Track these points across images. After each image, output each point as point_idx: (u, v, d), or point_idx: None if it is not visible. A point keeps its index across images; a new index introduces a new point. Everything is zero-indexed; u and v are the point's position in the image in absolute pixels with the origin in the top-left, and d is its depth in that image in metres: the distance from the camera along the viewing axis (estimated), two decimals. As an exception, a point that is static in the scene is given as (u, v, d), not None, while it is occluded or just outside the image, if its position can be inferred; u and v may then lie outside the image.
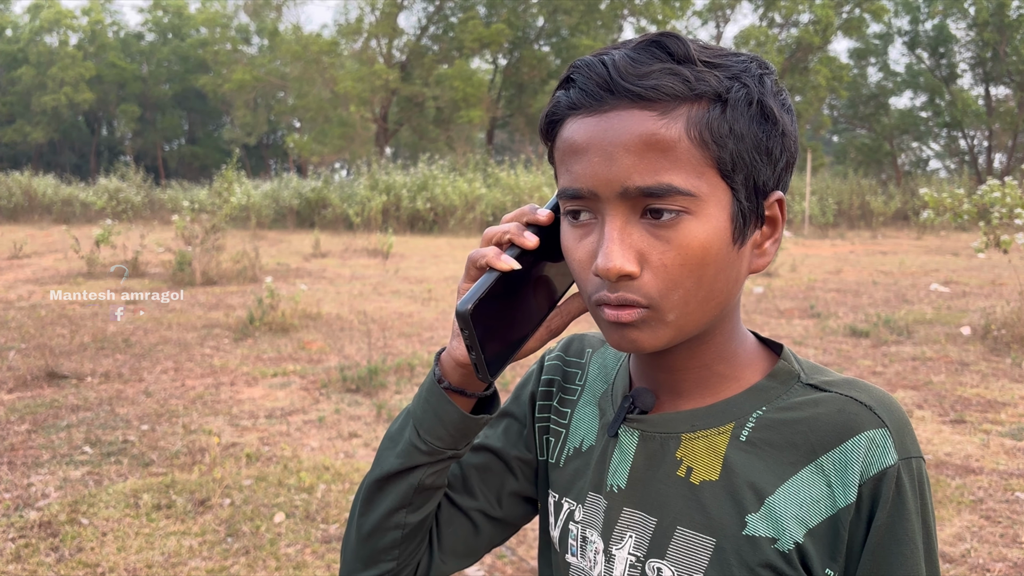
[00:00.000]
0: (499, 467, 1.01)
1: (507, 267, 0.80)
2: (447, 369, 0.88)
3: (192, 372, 6.38)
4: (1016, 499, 3.87)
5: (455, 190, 22.32)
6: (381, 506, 0.92)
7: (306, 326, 8.26)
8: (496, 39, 30.38)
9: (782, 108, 0.78)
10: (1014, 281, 9.93)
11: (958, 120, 33.30)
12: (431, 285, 11.40)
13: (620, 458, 0.88)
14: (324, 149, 31.56)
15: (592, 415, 0.96)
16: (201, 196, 19.09)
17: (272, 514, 3.71)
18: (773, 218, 0.80)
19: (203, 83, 39.26)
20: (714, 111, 0.73)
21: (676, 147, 0.72)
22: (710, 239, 0.74)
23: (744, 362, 0.86)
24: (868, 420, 0.78)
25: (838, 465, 0.77)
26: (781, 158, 0.78)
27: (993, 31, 31.30)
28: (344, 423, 5.11)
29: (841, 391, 0.81)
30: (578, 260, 0.79)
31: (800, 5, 31.46)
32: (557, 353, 1.05)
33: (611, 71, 0.74)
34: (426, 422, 0.89)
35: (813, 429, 0.79)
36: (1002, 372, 6.20)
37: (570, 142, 0.77)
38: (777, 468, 0.79)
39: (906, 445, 0.77)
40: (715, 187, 0.74)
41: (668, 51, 0.74)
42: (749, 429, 0.82)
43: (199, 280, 11.23)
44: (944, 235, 20.65)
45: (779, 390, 0.83)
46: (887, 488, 0.76)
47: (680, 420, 0.85)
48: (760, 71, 0.77)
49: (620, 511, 0.87)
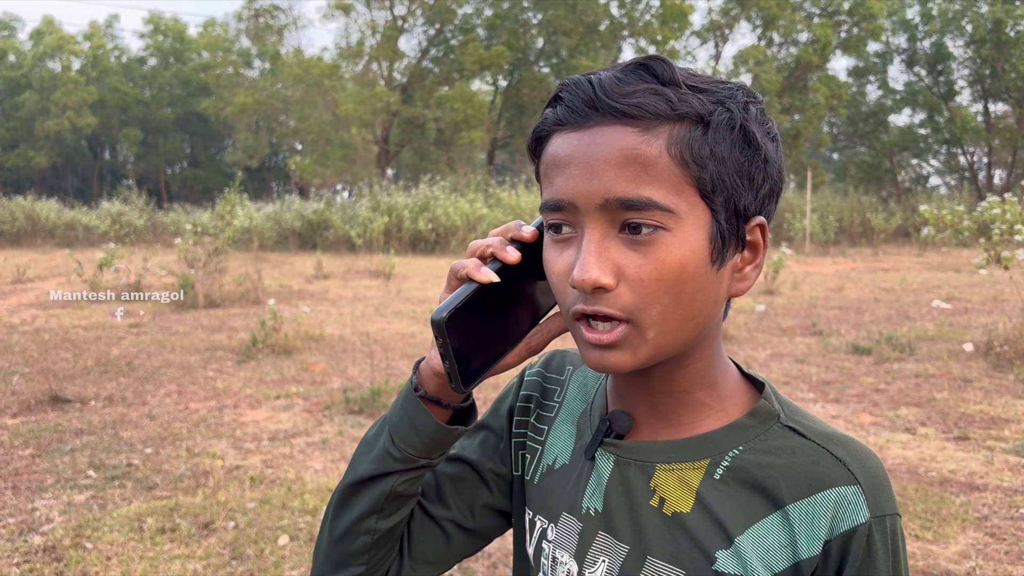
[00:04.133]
0: (473, 479, 1.01)
1: (486, 279, 0.81)
2: (424, 378, 0.89)
3: (195, 395, 6.38)
4: (1021, 516, 3.86)
5: (456, 211, 22.39)
6: (353, 511, 0.93)
7: (309, 348, 8.27)
8: (496, 61, 30.57)
9: (766, 136, 0.79)
10: (1015, 297, 9.93)
11: (957, 137, 33.39)
12: (433, 306, 11.40)
13: (596, 481, 0.89)
14: (326, 171, 31.67)
15: (568, 434, 0.97)
16: (204, 219, 19.16)
17: (276, 537, 3.71)
18: (754, 243, 0.81)
19: (205, 106, 39.50)
20: (695, 132, 0.75)
21: (656, 163, 0.74)
22: (687, 256, 0.75)
23: (724, 393, 0.86)
24: (841, 476, 0.78)
25: (805, 516, 0.78)
26: (764, 184, 0.79)
27: (991, 48, 31.45)
28: (347, 445, 5.11)
29: (819, 442, 0.81)
30: (556, 272, 0.80)
31: (798, 24, 31.66)
32: (537, 369, 1.05)
33: (597, 89, 0.76)
34: (401, 430, 0.90)
35: (785, 476, 0.80)
36: (1005, 388, 6.19)
37: (554, 156, 0.79)
38: (747, 509, 0.80)
39: (880, 503, 0.78)
40: (694, 206, 0.75)
41: (654, 73, 0.76)
42: (724, 468, 0.82)
43: (202, 303, 11.25)
44: (945, 251, 20.66)
45: (758, 429, 0.83)
46: (857, 546, 0.76)
47: (657, 450, 0.86)
48: (746, 99, 0.78)
49: (595, 535, 0.87)
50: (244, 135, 40.10)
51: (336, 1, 32.06)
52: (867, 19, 31.25)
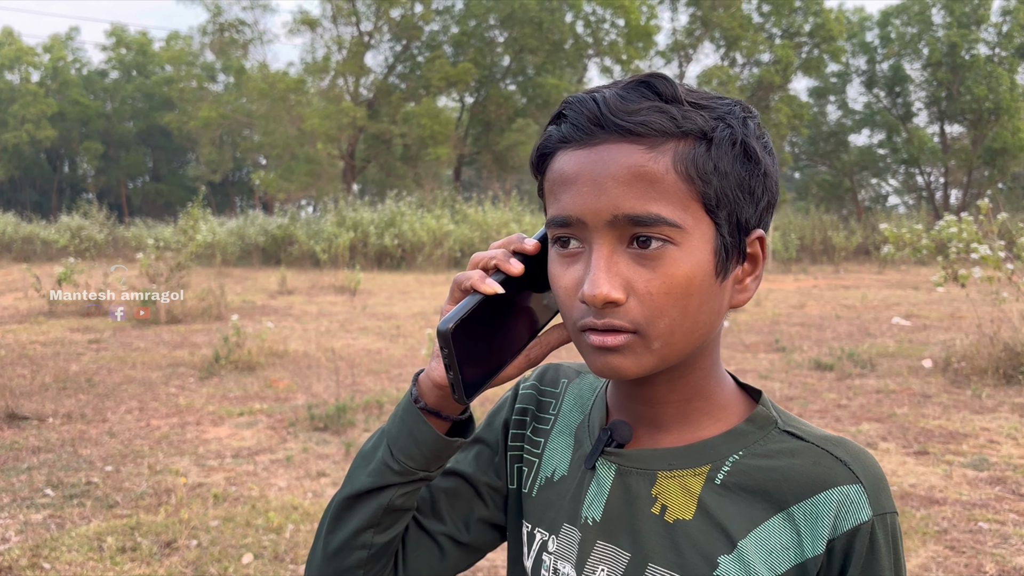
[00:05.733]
0: (468, 493, 1.01)
1: (491, 291, 0.82)
2: (424, 390, 0.89)
3: (157, 412, 6.29)
4: (979, 529, 3.93)
5: (423, 226, 22.35)
6: (349, 525, 0.92)
7: (273, 364, 8.19)
8: (463, 78, 30.63)
9: (764, 150, 0.81)
10: (972, 314, 10.12)
11: (915, 157, 34.06)
12: (399, 322, 11.37)
13: (597, 491, 0.89)
14: (291, 186, 31.46)
15: (566, 445, 0.97)
16: (166, 234, 18.94)
17: (240, 555, 3.66)
18: (754, 255, 0.83)
19: (168, 120, 39.11)
20: (700, 148, 0.76)
21: (663, 179, 0.75)
22: (694, 270, 0.77)
23: (722, 402, 0.88)
24: (843, 475, 0.80)
25: (808, 516, 0.79)
26: (763, 197, 0.81)
27: (946, 71, 32.17)
28: (312, 462, 5.07)
29: (818, 444, 0.83)
30: (564, 287, 0.80)
31: (760, 45, 32.15)
32: (532, 382, 1.06)
33: (602, 107, 0.77)
34: (400, 442, 0.89)
35: (787, 478, 0.81)
36: (963, 404, 6.30)
37: (560, 173, 0.80)
38: (749, 513, 0.81)
39: (881, 501, 0.80)
40: (699, 221, 0.77)
41: (656, 91, 0.77)
42: (725, 473, 0.84)
43: (163, 319, 11.10)
44: (904, 269, 21.01)
45: (757, 435, 0.85)
46: (860, 544, 0.78)
47: (658, 457, 0.87)
48: (744, 114, 0.80)
49: (594, 544, 0.88)
50: (208, 149, 39.78)
51: (302, 16, 31.98)
52: (827, 41, 31.84)
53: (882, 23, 34.50)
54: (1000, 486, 4.52)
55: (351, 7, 31.52)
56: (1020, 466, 4.82)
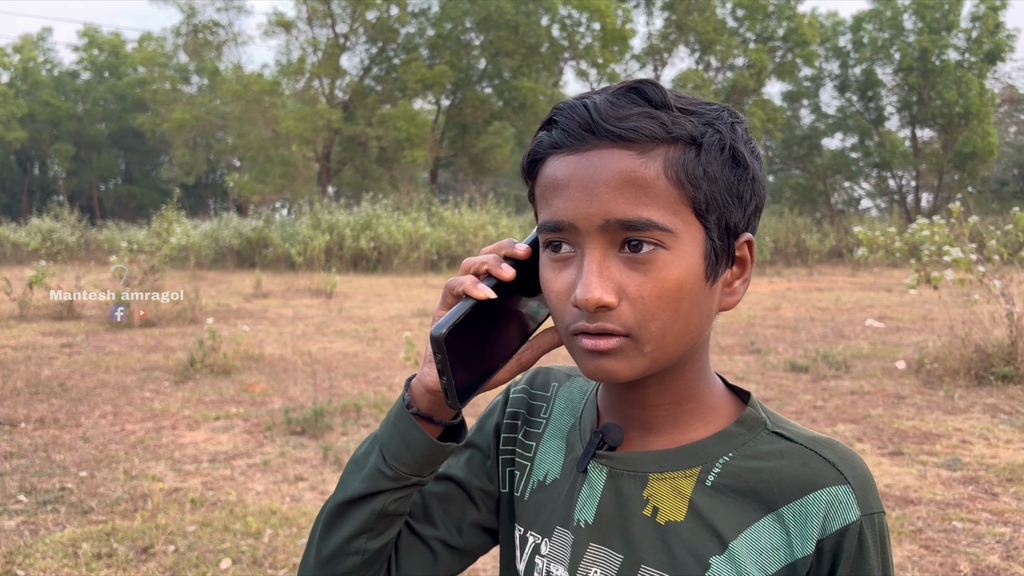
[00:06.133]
0: (461, 497, 1.01)
1: (483, 296, 0.82)
2: (416, 395, 0.89)
3: (132, 416, 6.23)
4: (953, 528, 3.98)
5: (399, 229, 22.30)
6: (342, 531, 0.92)
7: (248, 368, 8.14)
8: (439, 80, 30.60)
9: (751, 155, 0.82)
10: (944, 316, 10.25)
11: (887, 161, 34.44)
12: (376, 325, 11.34)
13: (589, 493, 0.90)
14: (265, 188, 31.28)
15: (558, 449, 0.97)
16: (139, 237, 18.76)
17: (218, 560, 3.63)
18: (743, 258, 0.84)
19: (141, 122, 38.71)
20: (689, 153, 0.77)
21: (654, 184, 0.76)
22: (685, 274, 0.77)
23: (712, 404, 0.89)
24: (831, 476, 0.81)
25: (798, 517, 0.80)
26: (751, 201, 0.82)
27: (917, 76, 32.56)
28: (290, 466, 5.04)
29: (807, 445, 0.84)
30: (556, 291, 0.81)
31: (735, 49, 32.38)
32: (523, 386, 1.06)
33: (592, 113, 0.77)
34: (393, 447, 0.89)
35: (776, 480, 0.82)
36: (936, 405, 6.38)
37: (552, 178, 0.80)
38: (739, 514, 0.82)
39: (868, 501, 0.81)
40: (690, 225, 0.78)
41: (646, 97, 0.78)
42: (715, 474, 0.84)
43: (137, 322, 11.00)
44: (877, 272, 21.23)
45: (746, 436, 0.86)
46: (849, 543, 0.79)
47: (649, 460, 0.87)
48: (731, 119, 0.81)
49: (586, 546, 0.88)
50: (181, 151, 39.44)
51: (277, 18, 31.81)
52: (801, 45, 32.13)
53: (854, 28, 34.85)
54: (973, 486, 4.58)
55: (326, 9, 31.39)
56: (992, 466, 4.88)
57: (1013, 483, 4.59)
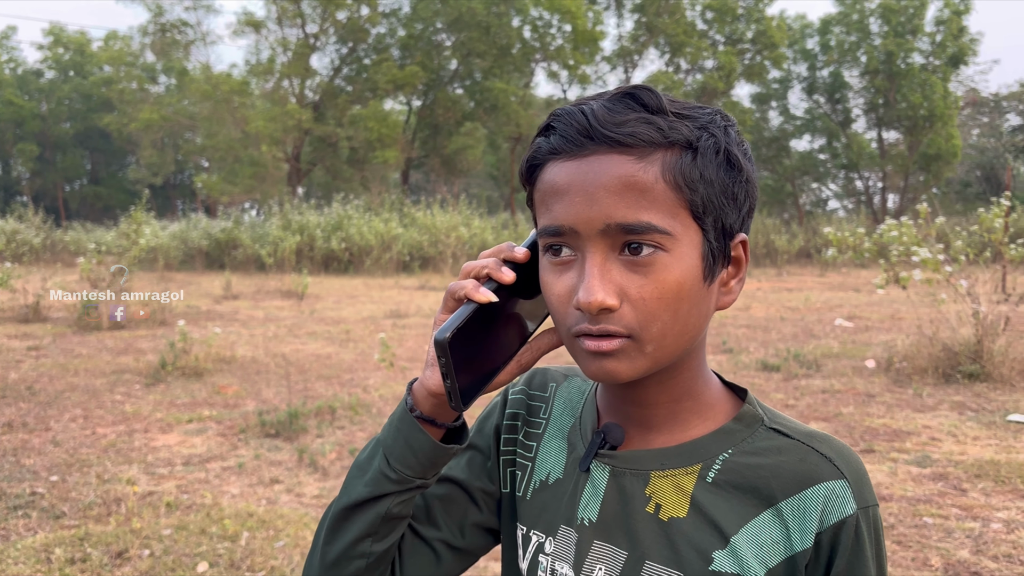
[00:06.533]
0: (462, 498, 1.02)
1: (485, 299, 0.83)
2: (419, 398, 0.90)
3: (103, 419, 6.15)
4: (924, 524, 4.04)
5: (371, 230, 22.21)
6: (347, 535, 0.92)
7: (220, 370, 8.07)
8: (410, 81, 30.53)
9: (744, 157, 0.83)
10: (912, 316, 10.41)
11: (854, 162, 34.91)
12: (348, 326, 11.29)
13: (592, 492, 0.91)
14: (234, 189, 31.01)
15: (559, 449, 0.99)
16: (107, 238, 18.53)
17: (195, 564, 3.60)
18: (738, 258, 0.86)
19: (107, 122, 38.24)
20: (686, 158, 0.79)
21: (653, 188, 0.77)
22: (684, 275, 0.79)
23: (710, 401, 0.90)
24: (828, 471, 0.83)
25: (796, 511, 0.82)
26: (745, 203, 0.84)
27: (883, 79, 33.02)
28: (265, 469, 5.00)
29: (804, 441, 0.86)
30: (557, 294, 0.82)
31: (704, 52, 32.62)
32: (521, 387, 1.07)
33: (590, 119, 0.78)
34: (396, 451, 0.90)
35: (775, 475, 0.84)
36: (905, 403, 6.47)
37: (552, 184, 0.81)
38: (740, 509, 0.84)
39: (864, 495, 0.83)
40: (688, 227, 0.79)
41: (641, 102, 0.79)
42: (715, 471, 0.86)
43: (106, 324, 10.86)
44: (845, 272, 21.48)
45: (744, 433, 0.88)
46: (846, 536, 0.81)
47: (650, 458, 0.89)
48: (724, 123, 0.83)
49: (591, 544, 0.89)
50: (149, 152, 38.95)
51: (246, 17, 31.55)
52: (769, 48, 32.45)
53: (822, 31, 35.27)
54: (942, 482, 4.65)
55: (296, 9, 31.20)
56: (960, 462, 4.97)
57: (981, 479, 4.67)
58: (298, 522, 4.10)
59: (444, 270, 20.81)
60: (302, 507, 4.36)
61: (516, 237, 24.33)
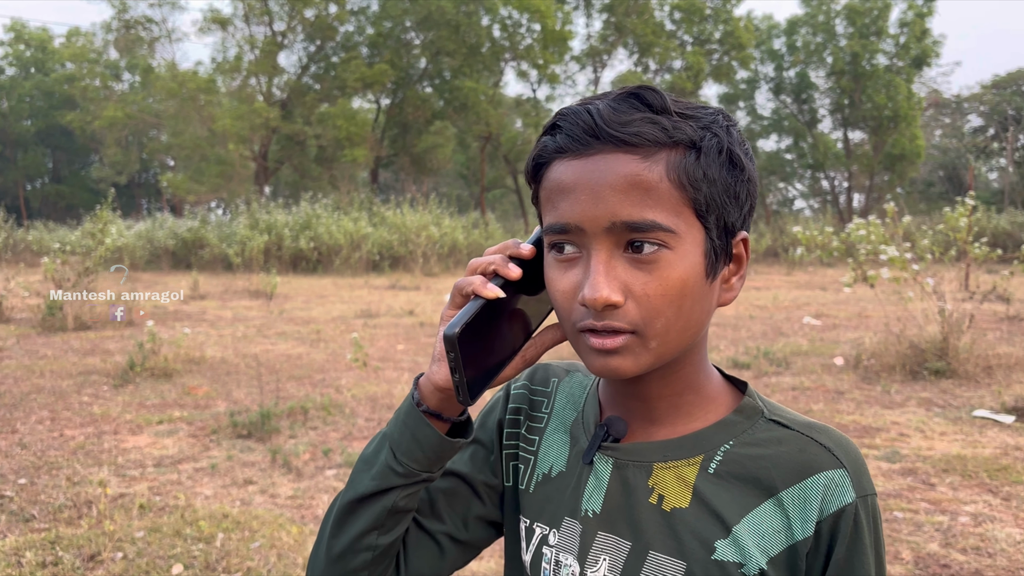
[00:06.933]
0: (466, 491, 1.03)
1: (493, 295, 0.84)
2: (425, 393, 0.91)
3: (71, 421, 6.06)
4: (895, 518, 4.10)
5: (340, 229, 22.08)
6: (353, 528, 0.93)
7: (190, 371, 7.98)
8: (379, 79, 30.39)
9: (746, 156, 0.85)
10: (879, 313, 10.56)
11: (820, 162, 35.34)
12: (319, 326, 11.21)
13: (595, 484, 0.92)
14: (201, 188, 30.70)
15: (562, 442, 1.00)
16: (71, 238, 18.25)
17: (169, 566, 3.56)
18: (739, 256, 0.88)
19: (70, 119, 37.60)
20: (690, 157, 0.80)
21: (658, 187, 0.79)
22: (687, 272, 0.80)
23: (711, 394, 0.92)
24: (827, 461, 0.84)
25: (797, 501, 0.83)
26: (747, 201, 0.85)
27: (849, 80, 33.46)
28: (238, 470, 4.96)
29: (803, 431, 0.87)
30: (562, 291, 0.83)
31: (672, 52, 32.83)
32: (523, 382, 1.08)
33: (596, 119, 0.80)
34: (403, 444, 0.91)
35: (776, 465, 0.85)
36: (874, 399, 6.56)
37: (558, 182, 0.82)
38: (742, 499, 0.85)
39: (863, 484, 0.84)
40: (691, 226, 0.81)
41: (646, 102, 0.81)
42: (717, 462, 0.87)
43: (71, 325, 10.70)
44: (812, 271, 21.73)
45: (745, 425, 0.89)
46: (845, 524, 0.82)
47: (653, 450, 0.90)
48: (726, 123, 0.84)
49: (595, 535, 0.91)
50: (113, 150, 38.45)
51: (213, 15, 31.24)
52: (737, 48, 32.73)
53: (789, 32, 35.67)
54: (911, 477, 4.72)
55: (264, 6, 30.95)
56: (928, 457, 5.05)
57: (948, 473, 4.75)
58: (273, 523, 4.07)
59: (414, 269, 20.75)
60: (277, 508, 4.33)
61: (487, 236, 24.33)
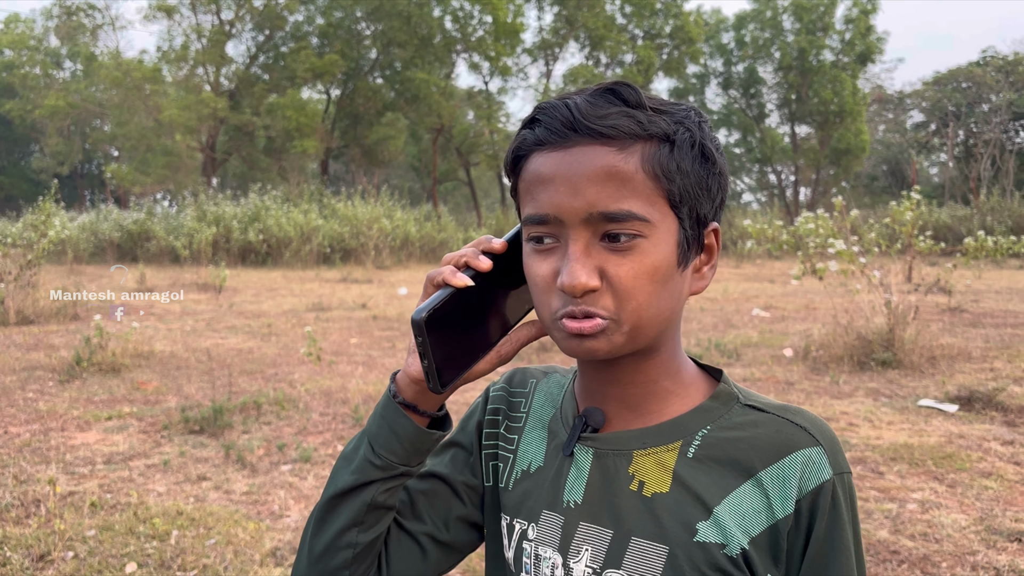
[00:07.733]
0: (446, 492, 1.04)
1: (461, 283, 0.86)
2: (402, 386, 0.93)
3: (15, 418, 5.91)
4: (846, 506, 4.19)
5: (289, 221, 21.82)
6: (334, 525, 0.94)
7: (139, 366, 7.84)
8: (329, 70, 30.07)
9: (717, 151, 0.88)
10: (826, 305, 10.76)
11: (768, 156, 35.86)
12: (270, 320, 11.09)
13: (576, 475, 0.94)
14: (147, 179, 30.10)
15: (540, 439, 1.01)
16: (12, 230, 17.76)
17: (122, 565, 3.50)
18: (710, 246, 0.91)
19: (8, 108, 36.55)
20: (664, 150, 0.83)
21: (633, 178, 0.81)
22: (660, 261, 0.83)
23: (687, 381, 0.94)
24: (804, 439, 0.87)
25: (776, 480, 0.85)
26: (718, 194, 0.88)
27: (796, 75, 33.98)
28: (191, 466, 4.89)
29: (778, 413, 0.90)
30: (541, 276, 0.85)
31: (623, 46, 32.99)
32: (501, 385, 1.10)
33: (575, 112, 0.82)
34: (381, 437, 0.93)
35: (753, 447, 0.87)
36: (823, 390, 6.69)
37: (536, 174, 0.85)
38: (721, 482, 0.87)
39: (839, 461, 0.87)
40: (665, 216, 0.83)
41: (622, 97, 0.83)
42: (695, 446, 0.89)
43: (13, 319, 10.43)
44: (760, 263, 22.05)
45: (722, 410, 0.91)
46: (824, 501, 0.84)
47: (632, 438, 0.92)
48: (698, 119, 0.87)
49: (577, 525, 0.92)
50: (55, 140, 37.51)
51: (158, 3, 30.58)
52: (687, 43, 33.01)
53: (737, 27, 36.08)
54: (861, 466, 4.83)
55: (211, -6, 30.40)
56: (877, 446, 5.16)
57: (896, 462, 4.87)
58: (228, 519, 4.02)
59: (366, 262, 20.59)
60: (232, 504, 4.27)
61: (439, 229, 24.23)
